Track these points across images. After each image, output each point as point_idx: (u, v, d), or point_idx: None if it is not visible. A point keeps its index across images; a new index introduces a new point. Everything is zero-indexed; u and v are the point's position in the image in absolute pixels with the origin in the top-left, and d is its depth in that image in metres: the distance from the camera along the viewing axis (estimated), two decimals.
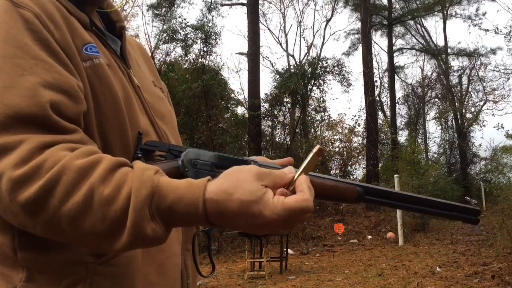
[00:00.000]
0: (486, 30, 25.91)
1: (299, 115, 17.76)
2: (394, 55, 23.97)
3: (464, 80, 25.62)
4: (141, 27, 39.40)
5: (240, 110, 19.67)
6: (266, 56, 32.71)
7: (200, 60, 15.20)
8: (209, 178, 0.69)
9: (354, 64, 58.13)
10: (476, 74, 24.88)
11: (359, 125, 17.28)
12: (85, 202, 0.63)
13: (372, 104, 16.00)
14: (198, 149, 0.86)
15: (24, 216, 0.64)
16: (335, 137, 17.28)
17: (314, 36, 33.97)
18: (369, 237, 12.16)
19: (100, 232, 0.64)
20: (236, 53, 37.41)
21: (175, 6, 18.17)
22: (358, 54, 25.92)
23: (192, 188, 0.67)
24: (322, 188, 0.87)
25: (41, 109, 0.66)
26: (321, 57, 19.30)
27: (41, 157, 0.62)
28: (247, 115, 16.32)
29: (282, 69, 20.28)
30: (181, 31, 15.02)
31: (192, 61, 15.50)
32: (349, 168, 17.11)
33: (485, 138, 46.55)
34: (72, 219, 0.63)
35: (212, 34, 15.06)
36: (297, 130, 17.73)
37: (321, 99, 17.65)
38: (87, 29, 0.84)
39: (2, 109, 0.64)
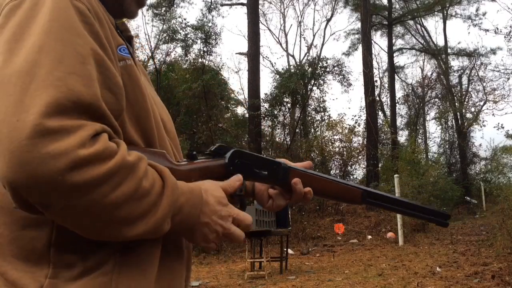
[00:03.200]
0: (486, 30, 25.98)
1: (299, 115, 17.76)
2: (394, 55, 23.99)
3: (464, 80, 25.65)
4: (141, 27, 39.30)
5: (240, 110, 19.71)
6: (266, 56, 32.78)
7: (200, 60, 15.21)
8: (205, 189, 0.83)
9: (354, 64, 58.30)
10: (476, 74, 24.91)
11: (359, 125, 17.30)
12: (130, 193, 0.67)
13: (372, 104, 16.00)
14: (241, 149, 0.94)
15: (61, 196, 0.64)
16: (335, 137, 17.28)
17: (314, 36, 33.95)
18: (369, 237, 12.16)
19: (128, 220, 0.69)
20: (236, 53, 37.48)
21: (175, 6, 18.18)
22: (358, 54, 25.94)
23: (194, 195, 0.79)
24: (334, 190, 1.04)
25: (97, 99, 0.68)
26: (321, 57, 19.33)
27: (101, 144, 0.65)
28: (247, 115, 16.33)
29: (282, 69, 20.27)
30: (181, 31, 15.04)
31: (192, 61, 15.51)
32: (349, 168, 17.12)
33: (485, 138, 46.64)
34: (113, 206, 0.67)
35: (212, 34, 15.08)
36: (297, 130, 17.73)
37: (321, 99, 17.68)
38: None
39: (66, 93, 0.65)
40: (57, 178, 0.63)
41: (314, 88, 16.98)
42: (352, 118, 38.82)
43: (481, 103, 24.51)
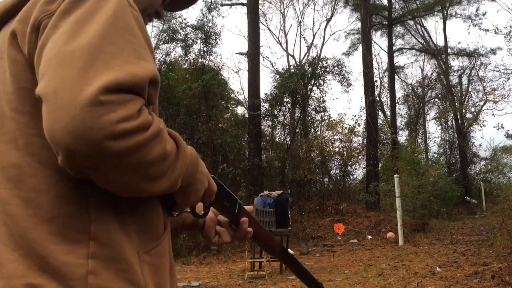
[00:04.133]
0: (486, 30, 25.96)
1: (299, 115, 17.76)
2: (394, 55, 23.98)
3: (464, 80, 25.63)
4: None
5: (240, 110, 19.70)
6: (266, 56, 32.79)
7: (200, 60, 15.20)
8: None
9: (354, 64, 58.24)
10: (476, 74, 24.90)
11: (359, 125, 17.28)
12: (160, 154, 0.76)
13: (372, 104, 15.99)
14: (216, 178, 1.03)
15: (113, 158, 0.71)
16: (335, 137, 17.27)
17: (314, 36, 33.87)
18: (369, 237, 12.16)
19: (157, 176, 0.77)
20: (236, 53, 37.46)
21: None
22: (358, 54, 25.93)
23: (194, 156, 0.89)
24: (264, 236, 1.23)
25: (146, 83, 0.76)
26: (321, 57, 19.33)
27: (144, 115, 0.74)
28: (247, 115, 16.32)
29: (282, 69, 20.26)
30: (181, 31, 15.03)
31: (192, 61, 15.50)
32: (349, 168, 17.12)
33: (485, 138, 46.63)
34: (148, 165, 0.75)
35: (212, 34, 15.06)
36: (297, 130, 17.73)
37: (321, 99, 17.68)
38: None
39: (126, 74, 0.73)
40: (111, 143, 0.69)
41: (314, 88, 16.99)
42: (352, 118, 38.82)
43: (481, 103, 24.53)
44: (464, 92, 25.36)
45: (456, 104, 24.48)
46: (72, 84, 0.69)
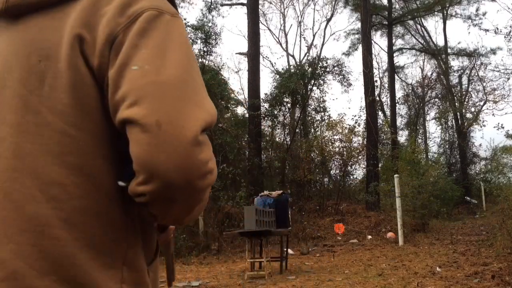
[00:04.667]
0: (486, 30, 25.90)
1: (299, 115, 17.75)
2: (394, 55, 23.96)
3: (464, 80, 25.61)
4: None
5: (240, 110, 19.69)
6: (266, 56, 32.77)
7: (200, 60, 15.20)
8: None
9: (354, 64, 58.20)
10: (476, 74, 24.88)
11: (359, 125, 17.28)
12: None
13: (372, 104, 15.99)
14: None
15: (192, 194, 0.77)
16: (335, 137, 17.27)
17: (314, 36, 33.83)
18: (369, 237, 12.16)
19: (200, 211, 0.86)
20: (236, 53, 37.43)
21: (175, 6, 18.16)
22: (358, 54, 25.92)
23: None
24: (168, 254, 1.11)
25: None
26: (321, 57, 19.33)
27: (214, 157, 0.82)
28: (247, 115, 16.32)
29: (282, 69, 20.25)
30: None
31: None
32: (349, 168, 17.12)
33: (485, 138, 46.61)
34: (203, 200, 0.82)
35: (212, 34, 15.05)
36: (297, 130, 17.73)
37: (321, 99, 17.68)
38: None
39: (211, 116, 0.79)
40: (201, 181, 0.75)
41: (314, 88, 16.98)
42: (352, 118, 38.80)
43: (481, 103, 24.52)
44: (464, 92, 25.35)
45: (456, 104, 24.48)
46: (176, 120, 0.72)
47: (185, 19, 15.28)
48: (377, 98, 21.60)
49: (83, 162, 0.76)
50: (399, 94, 25.87)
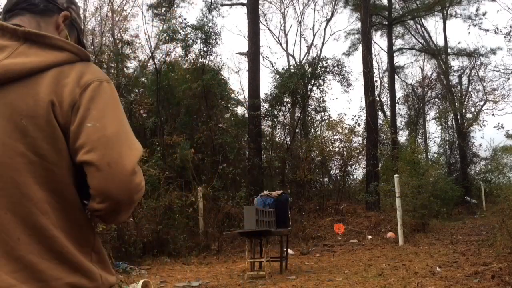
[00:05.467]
0: (486, 30, 25.76)
1: (299, 115, 17.75)
2: (394, 55, 23.96)
3: (464, 80, 25.59)
4: (141, 27, 39.36)
5: (240, 110, 19.69)
6: (266, 56, 32.69)
7: (200, 60, 15.20)
8: None
9: (354, 64, 58.15)
10: (476, 74, 24.85)
11: (359, 125, 17.27)
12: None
13: (372, 104, 15.98)
14: None
15: (132, 207, 1.16)
16: (335, 137, 17.27)
17: (314, 36, 33.83)
18: (369, 237, 12.16)
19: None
20: (236, 53, 37.42)
21: (175, 6, 18.18)
22: (358, 54, 25.91)
23: None
24: None
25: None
26: (321, 57, 19.31)
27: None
28: (247, 115, 16.32)
29: (282, 69, 20.25)
30: (181, 31, 15.01)
31: (192, 61, 15.50)
32: (349, 168, 17.11)
33: (485, 138, 46.58)
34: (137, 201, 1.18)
35: (212, 34, 15.06)
36: (297, 130, 17.73)
37: (321, 99, 17.67)
38: None
39: (140, 151, 1.16)
40: (137, 196, 1.13)
41: (314, 88, 16.98)
42: (352, 118, 38.75)
43: (481, 103, 24.49)
44: (464, 92, 25.34)
45: (456, 104, 24.46)
46: (119, 160, 1.08)
47: (185, 19, 15.31)
48: (377, 98, 21.60)
49: (61, 187, 1.11)
50: (399, 94, 25.89)
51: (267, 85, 66.11)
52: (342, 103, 51.59)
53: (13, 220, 1.06)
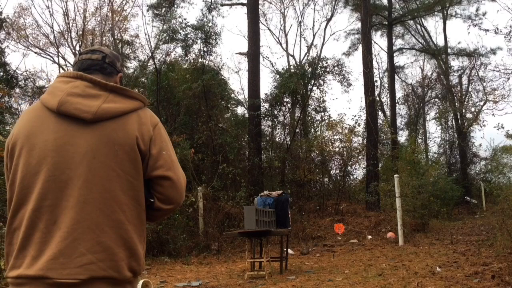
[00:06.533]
0: (486, 30, 25.70)
1: (299, 115, 17.75)
2: (394, 55, 23.94)
3: (464, 80, 25.56)
4: (141, 27, 39.34)
5: (240, 110, 19.68)
6: (266, 56, 32.69)
7: (200, 60, 15.19)
8: None
9: (354, 64, 58.10)
10: (476, 74, 24.82)
11: (359, 125, 17.26)
12: None
13: (372, 104, 15.98)
14: None
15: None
16: (335, 137, 17.26)
17: (314, 36, 33.76)
18: (369, 237, 12.15)
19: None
20: (236, 53, 37.39)
21: (175, 6, 18.16)
22: (358, 54, 25.92)
23: None
24: None
25: None
26: (321, 57, 19.30)
27: None
28: (247, 115, 16.31)
29: (282, 69, 20.24)
30: (181, 31, 15.01)
31: (192, 61, 15.50)
32: (349, 168, 17.10)
33: (485, 138, 46.52)
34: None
35: (212, 34, 15.05)
36: (297, 130, 17.71)
37: (321, 99, 17.66)
38: None
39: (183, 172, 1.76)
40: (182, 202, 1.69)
41: (314, 88, 16.98)
42: (352, 118, 38.81)
43: (481, 103, 24.46)
44: (464, 92, 25.31)
45: (456, 104, 24.45)
46: (182, 177, 1.67)
47: (185, 19, 15.29)
48: (377, 98, 21.60)
49: (136, 194, 1.58)
50: (399, 94, 25.88)
51: (267, 85, 66.13)
52: (342, 103, 51.44)
53: (101, 216, 1.50)
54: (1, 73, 14.39)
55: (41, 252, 1.45)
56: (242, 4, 18.89)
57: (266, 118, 16.65)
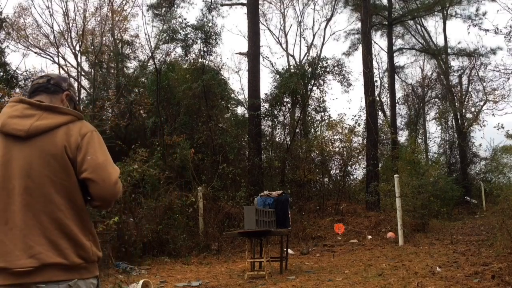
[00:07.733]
0: (486, 30, 25.65)
1: (299, 115, 17.74)
2: (394, 55, 23.93)
3: (464, 80, 25.56)
4: (141, 27, 39.33)
5: (240, 110, 19.69)
6: (266, 56, 32.67)
7: (200, 60, 15.20)
8: None
9: (354, 64, 58.12)
10: (476, 74, 24.81)
11: (359, 125, 17.26)
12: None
13: (372, 104, 15.97)
14: None
15: (115, 202, 1.97)
16: (335, 137, 17.26)
17: (314, 36, 33.67)
18: (369, 237, 12.15)
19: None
20: (236, 53, 37.38)
21: (175, 6, 18.17)
22: (358, 54, 25.92)
23: None
24: None
25: None
26: (321, 57, 19.30)
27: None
28: (247, 115, 16.31)
29: (282, 69, 20.24)
30: (181, 31, 15.02)
31: (192, 61, 15.50)
32: (349, 168, 17.10)
33: (485, 138, 46.49)
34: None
35: (212, 34, 15.06)
36: (297, 130, 17.71)
37: (321, 99, 17.65)
38: None
39: (117, 171, 1.93)
40: (119, 196, 1.93)
41: (314, 88, 16.98)
42: (352, 118, 38.78)
43: (481, 103, 24.46)
44: (464, 92, 25.31)
45: (456, 104, 24.45)
46: (109, 177, 1.85)
47: (185, 19, 15.29)
48: (377, 98, 21.59)
49: (71, 195, 1.85)
50: (399, 94, 25.87)
51: (267, 85, 66.15)
52: (342, 103, 51.48)
53: (43, 215, 1.80)
54: (1, 73, 14.38)
55: None
56: (242, 4, 18.90)
57: (266, 118, 16.65)
